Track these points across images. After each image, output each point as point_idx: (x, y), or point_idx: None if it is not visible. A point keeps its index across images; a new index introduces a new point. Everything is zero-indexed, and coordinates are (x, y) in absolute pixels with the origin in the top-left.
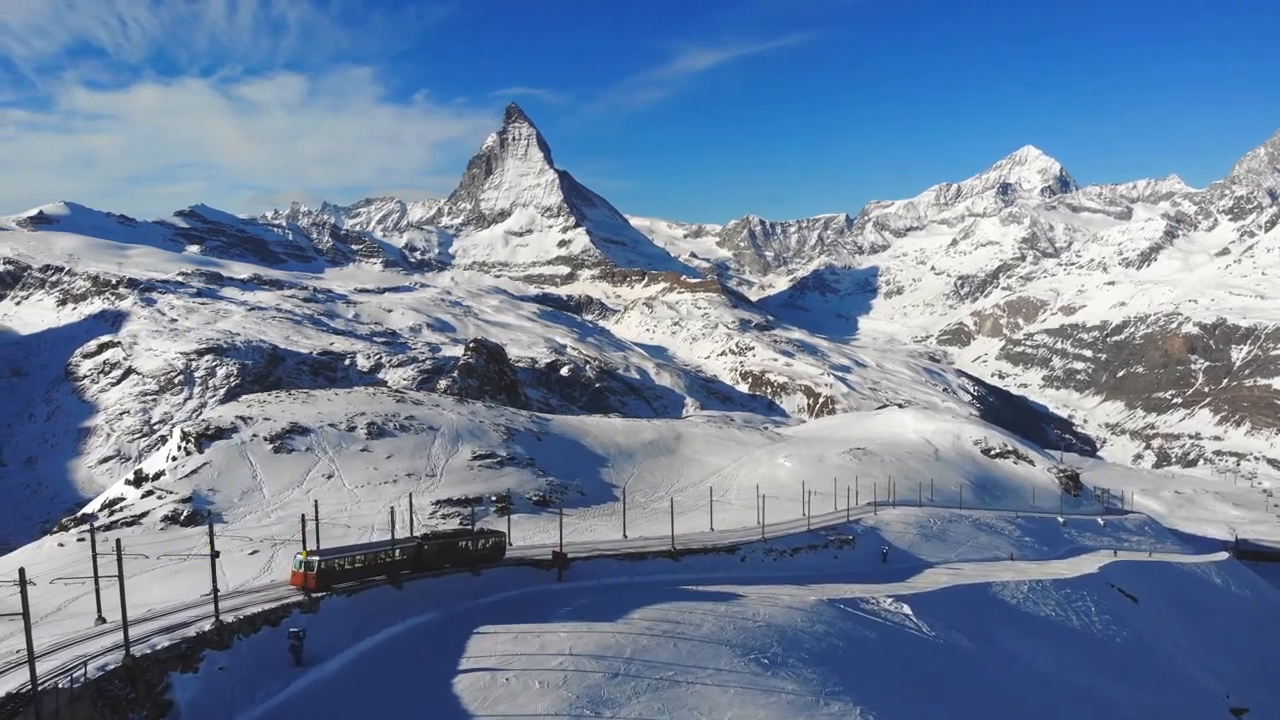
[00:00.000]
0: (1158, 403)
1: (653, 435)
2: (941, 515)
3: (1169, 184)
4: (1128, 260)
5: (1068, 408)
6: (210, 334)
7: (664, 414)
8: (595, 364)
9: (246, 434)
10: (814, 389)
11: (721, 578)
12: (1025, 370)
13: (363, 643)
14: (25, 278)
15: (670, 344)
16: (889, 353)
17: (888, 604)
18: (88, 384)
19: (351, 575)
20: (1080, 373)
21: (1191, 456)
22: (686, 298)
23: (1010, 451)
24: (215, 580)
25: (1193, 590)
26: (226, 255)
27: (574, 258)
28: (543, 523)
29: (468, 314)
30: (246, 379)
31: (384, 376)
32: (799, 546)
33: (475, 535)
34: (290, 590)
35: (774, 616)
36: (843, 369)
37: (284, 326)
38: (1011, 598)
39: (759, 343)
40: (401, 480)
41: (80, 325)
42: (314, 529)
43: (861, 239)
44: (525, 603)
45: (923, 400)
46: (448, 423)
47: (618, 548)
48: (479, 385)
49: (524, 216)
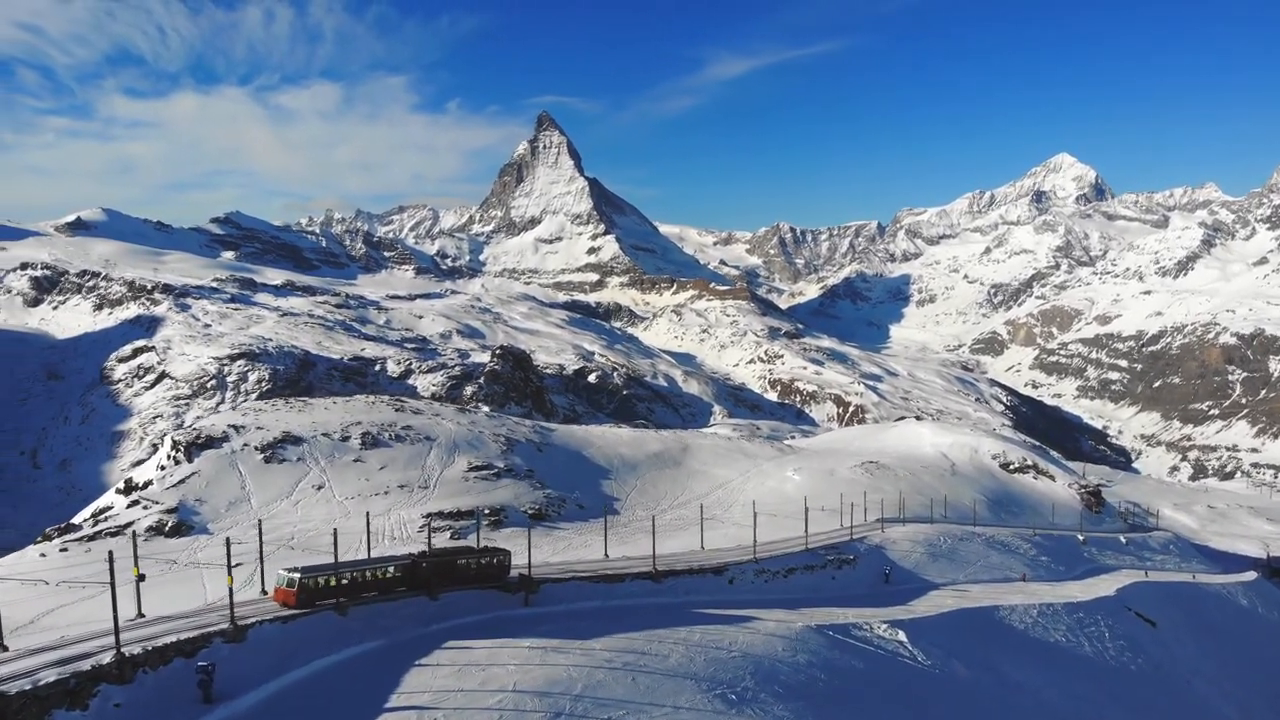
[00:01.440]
0: (1194, 414)
1: (658, 447)
2: (953, 533)
3: (1206, 192)
4: (1164, 269)
5: (1102, 419)
6: (243, 339)
7: (691, 422)
8: (623, 371)
9: (237, 443)
10: (844, 398)
11: (705, 601)
12: (1059, 380)
13: (288, 676)
14: (62, 283)
15: (698, 351)
16: (921, 361)
17: (882, 630)
18: (122, 388)
19: (338, 593)
20: (1115, 383)
21: (1229, 469)
22: (715, 305)
23: (1030, 466)
24: (116, 607)
25: (1217, 613)
26: (261, 261)
27: (603, 265)
28: (537, 537)
29: (497, 320)
30: (278, 384)
31: (413, 382)
32: (794, 567)
33: (479, 552)
34: (267, 609)
35: (752, 645)
36: (873, 378)
37: (316, 332)
38: (1019, 622)
39: (788, 350)
40: (393, 492)
41: (116, 330)
42: (298, 542)
43: (893, 246)
44: (482, 630)
45: (955, 410)
46: (445, 432)
47: (596, 568)
48: (505, 391)
49: (554, 224)
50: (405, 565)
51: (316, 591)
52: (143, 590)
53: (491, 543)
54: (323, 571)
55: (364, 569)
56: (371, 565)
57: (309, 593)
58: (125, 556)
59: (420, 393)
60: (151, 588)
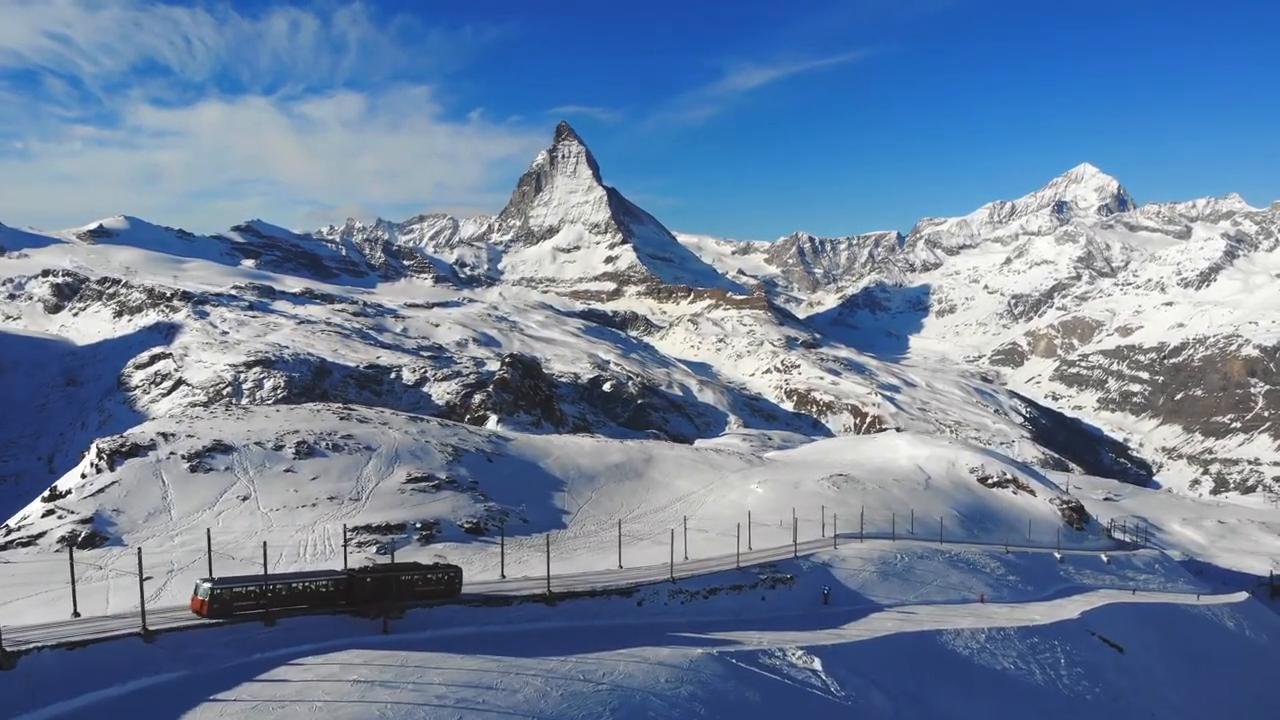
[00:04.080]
0: (1216, 427)
1: (621, 457)
2: (913, 550)
3: (1229, 203)
4: (1186, 280)
5: (1123, 431)
6: (259, 346)
7: (705, 431)
8: (638, 380)
9: (164, 451)
10: (861, 408)
11: (604, 626)
12: (1080, 392)
13: (45, 710)
14: (83, 290)
15: (715, 361)
16: (940, 372)
17: (795, 657)
18: (139, 394)
19: (258, 606)
20: (1136, 395)
21: (1250, 483)
22: (732, 314)
23: (1010, 480)
24: None
25: (1198, 636)
26: (281, 269)
27: (620, 274)
28: (469, 553)
29: (513, 329)
30: (293, 391)
31: (428, 390)
32: (718, 587)
33: (426, 569)
34: (176, 618)
35: (630, 676)
36: (891, 388)
37: (332, 340)
38: (964, 648)
39: (805, 360)
40: (322, 504)
41: (135, 337)
42: (216, 554)
43: (913, 256)
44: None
45: (973, 422)
46: (389, 442)
47: (488, 589)
48: (514, 400)
49: (572, 233)
50: (340, 580)
51: (230, 603)
52: (51, 603)
53: (418, 559)
54: (244, 583)
55: (291, 583)
56: (302, 579)
57: (221, 603)
58: (37, 569)
59: (435, 400)
60: (58, 600)
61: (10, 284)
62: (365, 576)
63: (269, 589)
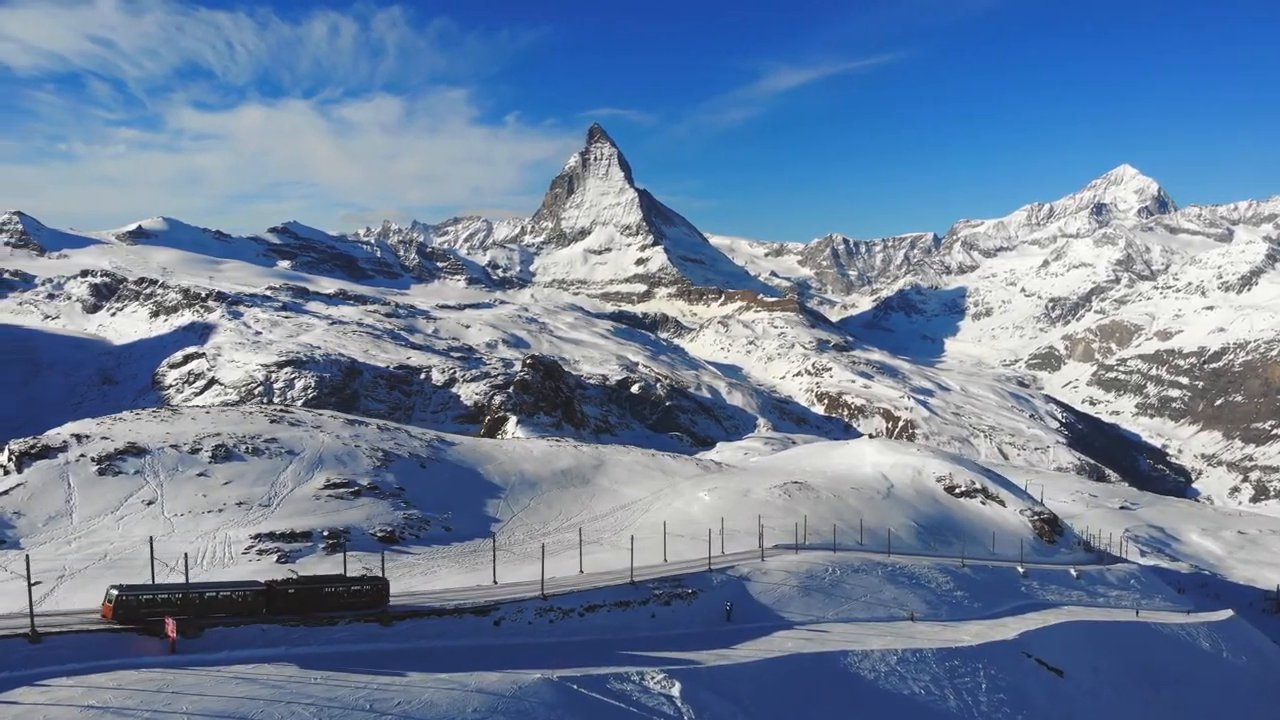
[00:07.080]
0: (1257, 433)
1: (569, 463)
2: (849, 563)
3: (1272, 205)
4: (1227, 284)
5: (1161, 437)
6: (291, 347)
7: (734, 434)
8: (666, 382)
9: (74, 453)
10: (893, 412)
11: (445, 648)
12: (1117, 397)
13: None
14: (121, 290)
15: (745, 363)
16: (975, 376)
17: (654, 681)
18: (173, 393)
19: (167, 612)
20: (1175, 401)
21: None
22: (763, 316)
23: (978, 490)
24: None
25: (1165, 658)
26: (316, 271)
27: (651, 276)
28: (377, 564)
29: (543, 330)
30: (324, 391)
31: (457, 391)
32: (598, 604)
33: (350, 580)
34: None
35: (428, 706)
36: (924, 392)
37: (364, 340)
38: (870, 671)
39: (836, 364)
40: (230, 509)
41: (170, 336)
42: (109, 560)
43: (949, 259)
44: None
45: (1007, 427)
46: (315, 446)
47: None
48: (535, 401)
49: (603, 235)
50: (260, 590)
51: (137, 609)
52: None
53: (321, 569)
54: (155, 590)
55: (206, 592)
56: (218, 588)
57: (127, 609)
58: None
59: (463, 401)
60: None
61: (50, 284)
62: (287, 587)
63: (180, 597)
